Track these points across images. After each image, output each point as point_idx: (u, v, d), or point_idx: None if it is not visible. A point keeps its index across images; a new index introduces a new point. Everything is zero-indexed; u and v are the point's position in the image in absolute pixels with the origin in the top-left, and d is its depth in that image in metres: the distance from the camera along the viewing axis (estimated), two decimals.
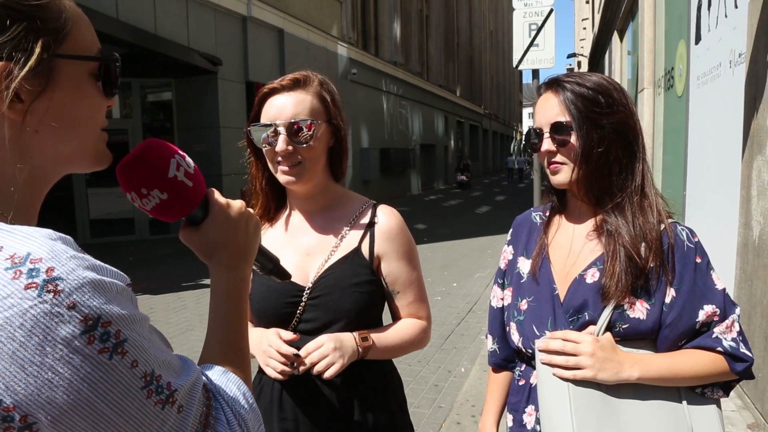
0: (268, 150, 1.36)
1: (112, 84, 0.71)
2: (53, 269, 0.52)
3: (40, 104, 0.63)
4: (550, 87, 1.29)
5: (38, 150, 0.64)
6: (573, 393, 1.18)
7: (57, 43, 0.63)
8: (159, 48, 10.15)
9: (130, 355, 0.55)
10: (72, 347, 0.52)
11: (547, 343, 1.23)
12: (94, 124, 0.70)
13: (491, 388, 1.52)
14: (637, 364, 1.17)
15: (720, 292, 1.22)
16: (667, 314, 1.19)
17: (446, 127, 33.55)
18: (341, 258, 1.40)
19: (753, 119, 3.33)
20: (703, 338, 1.20)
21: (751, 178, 3.35)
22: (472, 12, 41.40)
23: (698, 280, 1.21)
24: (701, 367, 1.18)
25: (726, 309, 1.21)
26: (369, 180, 20.24)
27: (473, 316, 6.33)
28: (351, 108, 18.06)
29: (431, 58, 30.69)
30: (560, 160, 1.27)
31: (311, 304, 1.38)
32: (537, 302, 1.32)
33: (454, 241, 11.71)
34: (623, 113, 1.24)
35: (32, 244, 0.53)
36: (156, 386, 0.58)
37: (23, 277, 0.51)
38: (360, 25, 21.82)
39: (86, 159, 0.70)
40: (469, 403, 3.95)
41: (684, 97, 5.69)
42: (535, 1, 7.47)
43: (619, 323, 1.21)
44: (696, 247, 1.24)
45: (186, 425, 0.61)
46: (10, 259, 0.52)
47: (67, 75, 0.65)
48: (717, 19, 4.45)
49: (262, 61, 13.65)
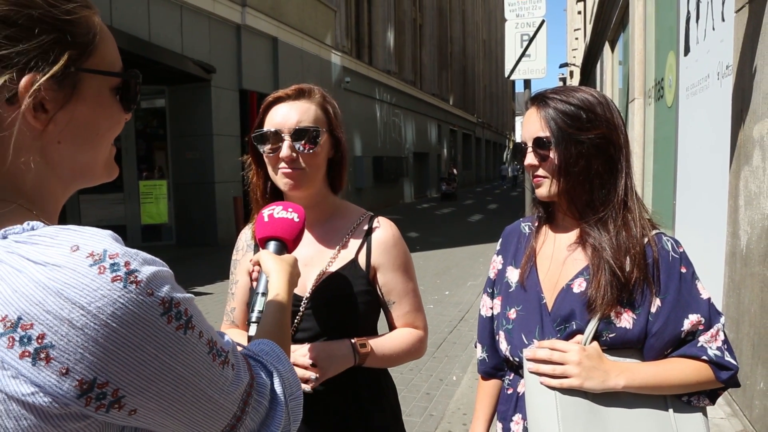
0: (271, 156, 1.37)
1: (132, 99, 0.76)
2: (129, 264, 0.60)
3: (63, 115, 0.67)
4: (535, 102, 1.32)
5: (59, 160, 0.69)
6: (560, 402, 1.20)
7: (83, 58, 0.68)
8: (153, 55, 10.15)
9: (197, 328, 0.65)
10: (156, 327, 0.60)
11: (534, 352, 1.24)
12: (111, 137, 0.75)
13: (480, 397, 1.54)
14: (623, 373, 1.19)
15: (705, 301, 1.23)
16: (653, 324, 1.21)
17: (439, 136, 33.65)
18: (339, 269, 1.42)
19: (740, 130, 3.37)
20: (689, 347, 1.22)
21: (739, 188, 3.40)
22: (466, 22, 41.66)
23: (683, 289, 1.23)
24: (687, 376, 1.20)
25: (711, 318, 1.23)
26: (362, 188, 20.26)
27: (465, 324, 6.34)
28: (344, 116, 17.71)
29: (425, 67, 30.83)
30: (541, 173, 1.30)
31: (308, 314, 1.40)
32: (525, 311, 1.33)
33: (447, 249, 11.73)
34: (605, 128, 1.25)
35: (103, 242, 0.60)
36: (216, 350, 0.68)
37: (107, 271, 0.58)
38: (354, 34, 21.91)
39: (98, 170, 0.75)
40: (460, 412, 3.95)
41: (673, 107, 5.76)
42: (527, 13, 7.55)
43: (606, 332, 1.22)
44: (681, 258, 1.26)
45: (241, 380, 0.72)
46: (90, 257, 0.58)
47: (90, 89, 0.69)
48: (705, 32, 4.51)
49: (256, 70, 13.67)
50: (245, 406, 0.72)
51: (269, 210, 1.23)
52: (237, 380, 0.71)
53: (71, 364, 0.55)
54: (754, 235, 3.16)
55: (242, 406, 0.72)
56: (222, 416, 0.69)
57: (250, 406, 0.73)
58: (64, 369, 0.55)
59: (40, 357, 0.55)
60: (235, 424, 0.71)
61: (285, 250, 1.19)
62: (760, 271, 3.06)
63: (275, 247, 1.18)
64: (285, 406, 0.78)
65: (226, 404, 0.69)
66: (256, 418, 0.74)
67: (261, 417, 0.75)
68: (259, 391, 0.75)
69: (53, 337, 0.55)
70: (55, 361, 0.55)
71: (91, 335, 0.56)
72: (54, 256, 0.57)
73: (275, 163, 1.38)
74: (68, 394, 0.55)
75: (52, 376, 0.55)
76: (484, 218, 18.46)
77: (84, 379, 0.56)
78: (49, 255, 0.57)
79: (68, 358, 0.55)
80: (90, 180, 0.75)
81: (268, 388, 0.77)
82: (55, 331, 0.55)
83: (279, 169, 1.37)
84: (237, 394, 0.71)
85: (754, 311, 3.13)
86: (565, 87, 1.33)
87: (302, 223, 1.22)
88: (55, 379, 0.55)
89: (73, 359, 0.55)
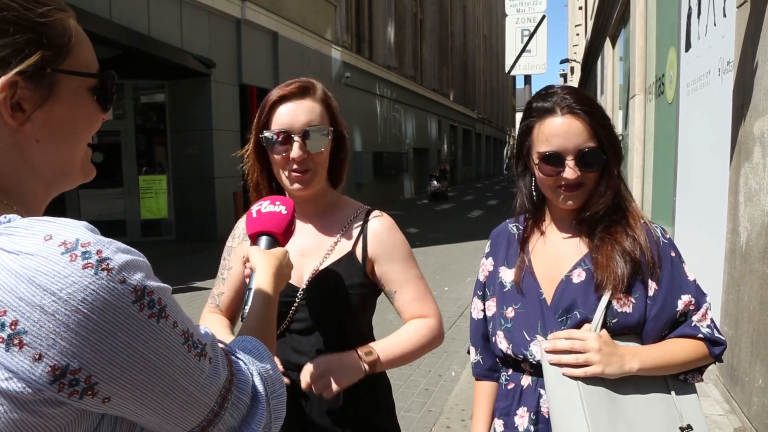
0: (281, 158, 1.38)
1: (108, 99, 0.78)
2: (101, 251, 0.61)
3: (41, 114, 0.69)
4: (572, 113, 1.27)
5: (39, 159, 0.71)
6: (584, 391, 1.22)
7: (60, 59, 0.70)
8: (152, 50, 10.13)
9: (171, 317, 0.66)
10: (128, 314, 0.61)
11: (554, 344, 1.25)
12: (89, 135, 0.77)
13: (479, 398, 1.54)
14: (636, 356, 1.23)
15: (692, 282, 1.31)
16: (651, 307, 1.27)
17: (439, 131, 33.62)
18: (335, 261, 1.43)
19: (740, 126, 3.37)
20: (684, 327, 1.29)
21: (739, 184, 3.39)
22: (467, 17, 41.56)
23: (675, 273, 1.29)
24: (688, 354, 1.26)
25: (699, 298, 1.30)
26: (362, 183, 20.25)
27: (464, 320, 6.35)
28: (344, 111, 17.74)
29: (425, 62, 30.77)
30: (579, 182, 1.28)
31: (303, 305, 1.41)
32: (524, 308, 1.35)
33: (446, 245, 11.73)
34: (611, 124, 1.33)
35: (76, 231, 0.61)
36: (192, 342, 0.68)
37: (79, 259, 0.59)
38: (354, 29, 21.86)
39: (76, 170, 0.77)
40: (458, 407, 3.96)
41: (674, 103, 5.75)
42: (528, 8, 7.53)
43: (610, 318, 1.26)
44: (669, 243, 1.33)
45: (219, 375, 0.72)
46: (62, 245, 0.59)
47: (67, 89, 0.71)
48: (706, 28, 4.50)
49: (256, 64, 13.65)
50: (224, 401, 0.72)
51: (257, 206, 1.25)
52: (214, 374, 0.71)
53: (43, 349, 0.57)
54: (753, 232, 3.16)
55: (220, 401, 0.72)
56: (197, 410, 0.69)
57: (229, 402, 0.73)
58: (37, 354, 0.56)
59: (13, 343, 0.56)
60: (212, 419, 0.71)
61: (276, 244, 1.20)
62: (759, 267, 3.05)
63: (266, 242, 1.20)
64: (267, 404, 0.78)
65: (202, 398, 0.69)
66: (236, 415, 0.74)
67: (242, 414, 0.75)
68: (239, 387, 0.75)
69: (26, 323, 0.56)
70: (28, 347, 0.56)
71: (62, 321, 0.57)
72: (27, 245, 0.59)
73: (284, 164, 1.38)
74: (41, 379, 0.57)
75: (25, 362, 0.56)
76: (484, 214, 18.46)
77: (56, 365, 0.57)
78: (22, 244, 0.59)
79: (40, 343, 0.57)
80: (69, 180, 0.77)
81: (249, 385, 0.77)
82: (27, 317, 0.56)
83: (290, 170, 1.38)
84: (214, 389, 0.71)
85: (753, 308, 3.13)
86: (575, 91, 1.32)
87: (291, 215, 1.23)
88: (28, 364, 0.56)
89: (45, 345, 0.57)
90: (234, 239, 1.58)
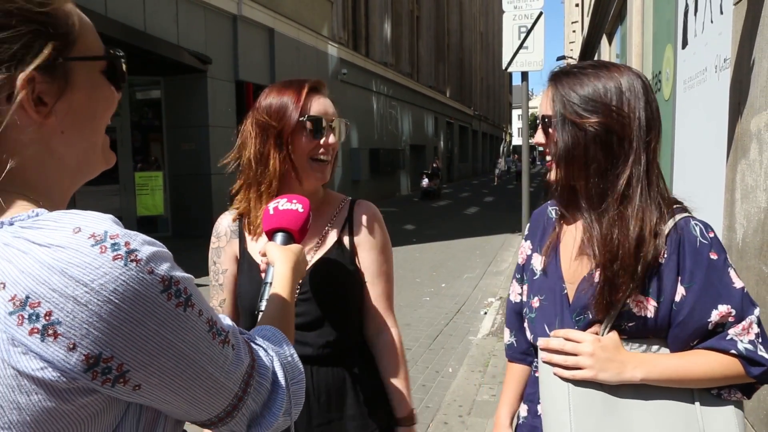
0: (311, 143, 1.42)
1: (120, 77, 0.79)
2: (129, 243, 0.62)
3: (62, 105, 0.70)
4: (550, 79, 1.28)
5: (64, 151, 0.72)
6: (572, 393, 1.18)
7: (69, 47, 0.70)
8: (148, 46, 10.09)
9: (197, 306, 0.68)
10: (156, 303, 0.62)
11: (547, 342, 1.23)
12: (108, 117, 0.78)
13: (508, 380, 1.51)
14: (641, 365, 1.15)
15: (738, 290, 1.15)
16: (677, 313, 1.15)
17: (436, 128, 33.59)
18: (326, 253, 1.47)
19: (737, 123, 3.37)
20: (717, 340, 1.15)
21: (735, 181, 3.40)
22: (463, 14, 41.51)
23: (713, 277, 1.14)
24: (712, 370, 1.13)
25: (744, 309, 1.14)
26: (358, 180, 20.23)
27: (461, 316, 6.36)
28: (341, 108, 17.75)
29: (422, 59, 30.72)
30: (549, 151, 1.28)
31: (302, 299, 1.43)
32: (547, 301, 1.31)
33: (443, 242, 11.74)
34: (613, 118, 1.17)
35: (104, 223, 0.63)
36: (216, 329, 0.70)
37: (109, 251, 0.60)
38: (351, 26, 21.80)
39: (98, 156, 0.78)
40: (456, 404, 3.96)
41: (671, 100, 5.75)
42: (525, 4, 7.51)
43: (624, 322, 1.18)
44: (711, 243, 1.16)
45: (242, 361, 0.74)
46: (92, 238, 0.60)
47: (82, 76, 0.72)
48: (703, 25, 4.50)
49: (252, 61, 13.60)
50: (247, 387, 0.74)
51: (274, 203, 1.28)
52: (237, 360, 0.73)
53: (77, 339, 0.58)
54: (750, 229, 3.16)
55: (243, 386, 0.74)
56: (223, 395, 0.71)
57: (251, 387, 0.75)
58: (71, 344, 0.58)
59: (48, 333, 0.58)
60: (236, 404, 0.73)
61: (292, 241, 1.25)
62: (755, 264, 3.06)
63: (282, 239, 1.24)
64: (287, 389, 0.80)
65: (227, 383, 0.71)
66: (258, 400, 0.76)
67: (263, 399, 0.77)
68: (260, 373, 0.77)
69: (60, 313, 0.58)
70: (63, 337, 0.58)
71: (94, 311, 0.58)
72: (57, 238, 0.60)
73: (313, 149, 1.42)
74: (75, 368, 0.58)
75: (60, 351, 0.58)
76: (480, 211, 18.47)
77: (90, 353, 0.59)
78: (53, 237, 0.60)
79: (74, 333, 0.58)
80: (93, 168, 0.78)
81: (269, 371, 0.79)
82: (61, 308, 0.58)
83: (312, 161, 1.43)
84: (238, 374, 0.73)
85: None
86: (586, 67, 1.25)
87: (307, 214, 1.27)
88: (63, 354, 0.58)
89: (79, 334, 0.58)
90: (220, 238, 1.56)
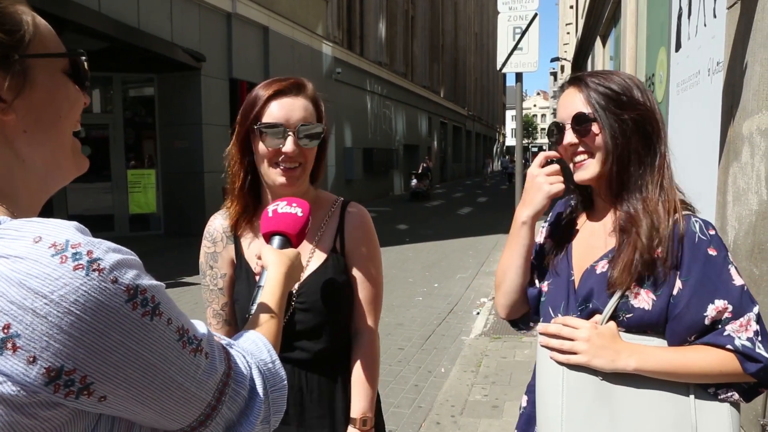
0: (270, 150, 1.37)
1: (84, 77, 0.78)
2: (92, 252, 0.61)
3: (21, 102, 0.69)
4: (573, 83, 1.31)
5: (29, 151, 0.72)
6: (566, 377, 1.22)
7: (21, 45, 0.70)
8: (142, 43, 10.04)
9: (165, 315, 0.66)
10: (121, 314, 0.61)
11: (546, 326, 1.27)
12: (73, 118, 0.77)
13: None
14: (635, 355, 1.17)
15: (737, 287, 1.17)
16: (674, 306, 1.18)
17: (430, 128, 33.62)
18: (323, 262, 1.45)
19: (730, 127, 3.39)
20: (714, 335, 1.16)
21: (727, 183, 3.42)
22: (458, 14, 41.56)
23: (710, 273, 1.17)
24: (708, 365, 1.15)
25: (742, 306, 1.16)
26: (352, 179, 20.22)
27: (454, 316, 6.37)
28: (335, 107, 18.02)
29: (416, 59, 30.74)
30: (583, 149, 1.28)
31: (300, 308, 1.42)
32: (555, 285, 1.35)
33: (436, 242, 11.75)
34: (643, 110, 1.25)
35: (66, 232, 0.61)
36: (188, 338, 0.69)
37: (69, 260, 0.59)
38: (345, 25, 21.78)
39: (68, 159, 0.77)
40: (448, 403, 3.97)
41: (664, 103, 5.78)
42: (520, 6, 7.53)
43: (623, 313, 1.21)
44: (711, 240, 1.21)
45: (216, 369, 0.72)
46: (53, 247, 0.59)
47: (42, 74, 0.72)
48: (696, 28, 4.52)
49: (247, 59, 13.56)
50: (221, 395, 0.73)
51: (274, 206, 1.26)
52: (211, 369, 0.72)
53: (37, 352, 0.57)
54: (741, 231, 3.18)
55: (217, 395, 0.73)
56: (195, 404, 0.70)
57: (226, 395, 0.74)
58: (31, 357, 0.57)
59: (6, 347, 0.56)
60: (210, 413, 0.72)
61: (289, 245, 1.22)
62: (747, 266, 3.08)
63: (279, 242, 1.22)
64: (265, 398, 0.79)
65: (198, 393, 0.70)
66: (234, 408, 0.75)
67: (239, 407, 0.76)
68: (237, 380, 0.76)
69: (18, 326, 0.56)
70: (22, 350, 0.56)
71: (55, 323, 0.57)
72: (17, 248, 0.59)
73: (273, 157, 1.38)
74: (36, 381, 0.57)
75: (19, 365, 0.56)
76: (474, 211, 18.50)
77: (51, 366, 0.57)
78: (12, 247, 0.59)
79: (34, 346, 0.57)
80: (63, 172, 0.77)
81: (247, 379, 0.78)
82: (19, 320, 0.56)
83: (277, 164, 1.38)
84: (211, 383, 0.72)
85: None
86: (601, 70, 1.34)
87: (306, 218, 1.25)
88: (22, 367, 0.57)
89: (39, 347, 0.57)
90: (216, 243, 1.54)
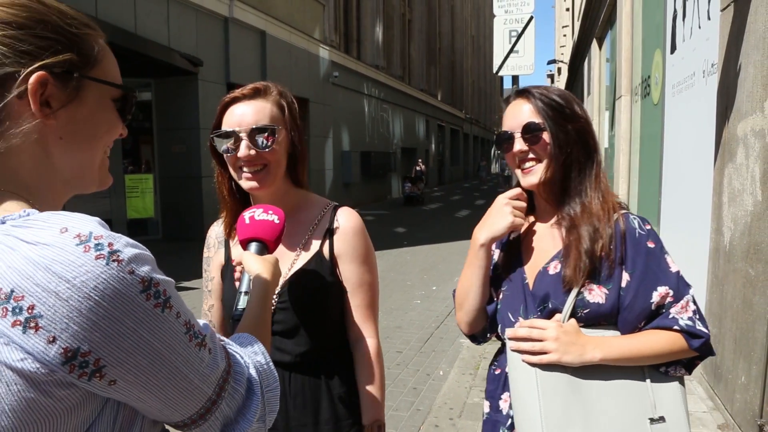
0: (230, 157, 1.40)
1: (128, 110, 0.85)
2: (112, 244, 0.65)
3: (65, 113, 0.76)
4: (521, 95, 1.42)
5: (60, 156, 0.77)
6: (540, 378, 1.28)
7: (87, 68, 0.78)
8: (139, 48, 10.04)
9: (175, 308, 0.70)
10: (135, 303, 0.65)
11: (515, 331, 1.33)
12: (108, 141, 0.84)
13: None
14: (599, 346, 1.27)
15: (673, 274, 1.31)
16: (624, 298, 1.29)
17: (427, 131, 33.65)
18: (306, 263, 1.46)
19: (725, 128, 3.41)
20: (661, 319, 1.29)
21: (723, 184, 3.44)
22: (455, 17, 41.65)
23: (651, 263, 1.30)
24: (661, 346, 1.27)
25: (680, 290, 1.30)
26: (350, 183, 20.22)
27: (452, 319, 6.37)
28: (332, 111, 18.03)
29: (413, 62, 30.79)
30: (533, 156, 1.38)
31: (281, 308, 1.43)
32: (510, 291, 1.43)
33: (434, 244, 11.76)
34: (584, 123, 1.39)
35: (90, 225, 0.66)
36: (193, 332, 0.73)
37: (92, 250, 0.64)
38: (342, 28, 21.82)
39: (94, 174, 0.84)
40: (447, 406, 3.97)
41: (660, 104, 5.80)
42: (516, 9, 7.56)
43: (581, 309, 1.31)
44: (648, 234, 1.34)
45: (217, 365, 0.76)
46: (77, 237, 0.64)
47: (92, 95, 0.79)
48: (691, 30, 4.55)
49: (244, 63, 13.58)
50: (221, 391, 0.77)
51: (250, 212, 1.28)
52: (213, 364, 0.75)
53: (57, 332, 0.61)
54: (737, 232, 3.20)
55: (218, 390, 0.76)
56: (196, 397, 0.73)
57: (226, 392, 0.77)
58: (51, 337, 0.61)
59: (30, 326, 0.61)
60: (210, 408, 0.75)
61: (266, 251, 1.25)
62: (742, 267, 3.10)
63: (256, 248, 1.24)
64: (261, 396, 0.83)
65: (201, 386, 0.73)
66: (232, 405, 0.78)
67: (237, 404, 0.79)
68: (236, 378, 0.80)
69: (42, 307, 0.61)
70: (43, 330, 0.61)
71: (75, 306, 0.61)
72: (45, 236, 0.63)
73: (234, 163, 1.40)
74: (54, 360, 0.61)
75: (40, 344, 0.61)
76: (471, 214, 18.51)
77: (68, 347, 0.61)
78: (40, 236, 0.64)
79: (55, 327, 0.61)
80: (86, 182, 0.83)
81: (245, 377, 0.81)
82: (43, 302, 0.61)
83: (241, 171, 1.40)
84: (213, 378, 0.75)
85: (737, 307, 3.17)
86: (542, 85, 1.45)
87: (282, 225, 1.27)
88: (42, 346, 0.61)
89: (59, 328, 0.61)
90: (209, 249, 1.61)
